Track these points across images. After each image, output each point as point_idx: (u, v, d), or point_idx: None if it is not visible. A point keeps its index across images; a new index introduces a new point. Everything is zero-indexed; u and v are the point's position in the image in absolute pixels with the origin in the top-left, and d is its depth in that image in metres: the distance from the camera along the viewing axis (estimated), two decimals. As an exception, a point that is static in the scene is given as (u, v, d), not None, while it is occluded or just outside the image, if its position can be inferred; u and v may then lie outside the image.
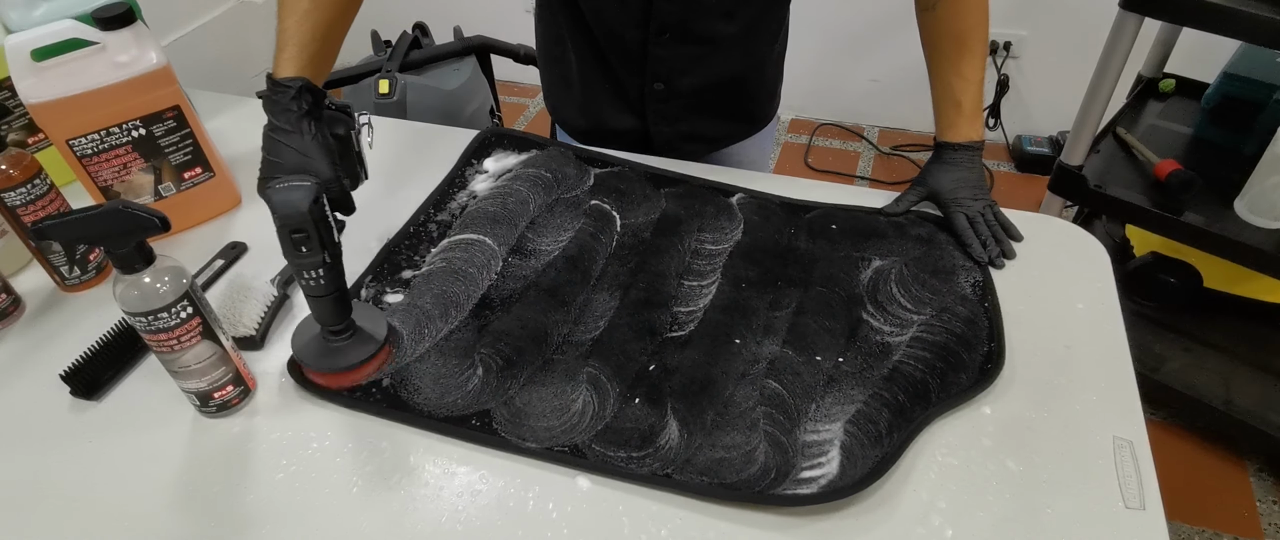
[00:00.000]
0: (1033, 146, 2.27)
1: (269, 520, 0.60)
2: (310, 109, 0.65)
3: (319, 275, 0.62)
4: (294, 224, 0.59)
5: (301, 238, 0.60)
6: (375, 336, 0.69)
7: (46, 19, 0.86)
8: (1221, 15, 1.11)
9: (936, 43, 0.86)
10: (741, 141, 1.06)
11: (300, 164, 0.63)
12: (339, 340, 0.67)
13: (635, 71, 0.93)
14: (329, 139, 0.67)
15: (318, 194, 0.60)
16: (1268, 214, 1.25)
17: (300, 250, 0.60)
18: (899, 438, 0.63)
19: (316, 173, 0.63)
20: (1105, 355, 0.71)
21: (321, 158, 0.64)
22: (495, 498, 0.61)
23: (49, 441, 0.67)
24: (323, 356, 0.67)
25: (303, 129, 0.64)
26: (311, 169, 0.63)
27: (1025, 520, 0.58)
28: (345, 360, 0.67)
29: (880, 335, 0.72)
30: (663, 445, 0.63)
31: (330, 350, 0.67)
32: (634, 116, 0.98)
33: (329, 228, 0.62)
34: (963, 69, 0.85)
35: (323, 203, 0.61)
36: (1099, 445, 0.63)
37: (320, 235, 0.60)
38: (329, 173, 0.64)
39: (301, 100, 0.64)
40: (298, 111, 0.64)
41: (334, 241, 0.63)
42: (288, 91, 0.64)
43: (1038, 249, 0.83)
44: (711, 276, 0.79)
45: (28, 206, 0.75)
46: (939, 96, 0.88)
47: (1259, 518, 1.41)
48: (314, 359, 0.67)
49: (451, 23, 1.78)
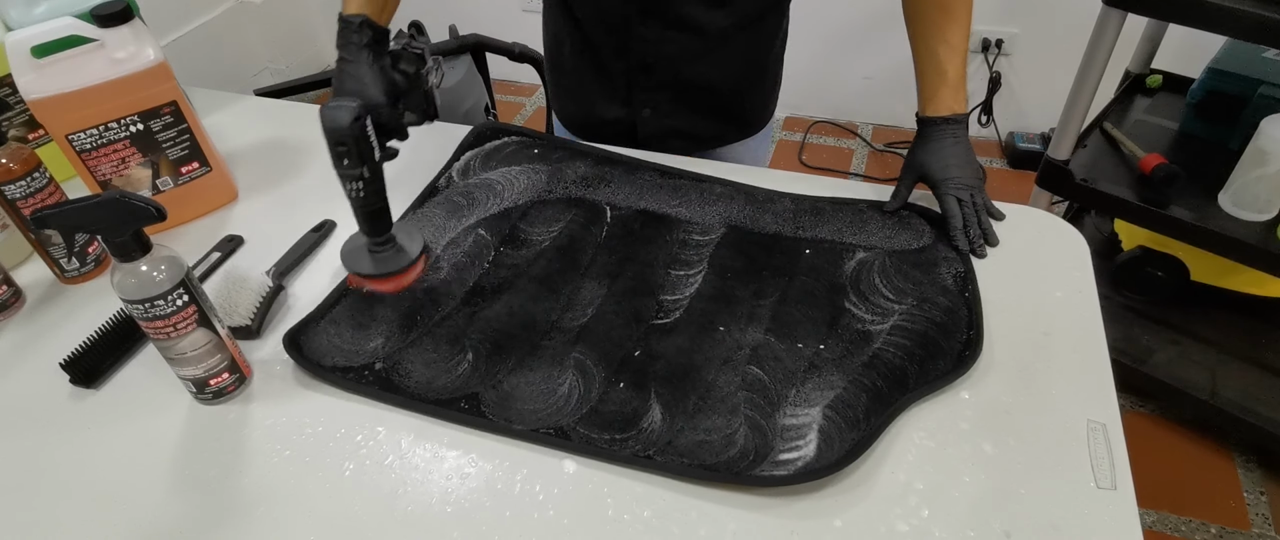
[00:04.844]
0: (1025, 143, 2.28)
1: (264, 503, 0.62)
2: (370, 42, 0.74)
3: (360, 188, 0.68)
4: (335, 138, 0.65)
5: (343, 150, 0.66)
6: (410, 251, 0.75)
7: (46, 16, 0.88)
8: (1203, 10, 1.12)
9: (922, 11, 0.85)
10: (732, 145, 1.05)
11: (355, 88, 0.73)
12: (381, 250, 0.74)
13: (620, 52, 0.93)
14: (389, 71, 0.76)
15: (360, 114, 0.65)
16: (1251, 207, 1.27)
17: (342, 162, 0.66)
18: (876, 421, 0.64)
19: (367, 97, 0.72)
20: (1082, 342, 0.73)
21: (376, 84, 0.73)
22: (484, 480, 0.63)
23: (49, 428, 0.69)
24: (365, 263, 0.74)
25: (361, 59, 0.73)
26: (364, 93, 0.72)
27: (1000, 500, 0.60)
28: (384, 268, 0.74)
29: (861, 323, 0.74)
30: (645, 428, 0.64)
31: (372, 258, 0.74)
32: (620, 104, 0.99)
33: (370, 146, 0.67)
34: (949, 36, 0.84)
35: (364, 122, 0.66)
36: (1073, 428, 0.65)
37: (360, 151, 0.66)
38: (379, 98, 0.73)
39: (362, 33, 0.73)
40: (357, 43, 0.73)
41: (374, 160, 0.68)
42: (350, 25, 0.74)
43: (1018, 239, 0.84)
44: (698, 266, 0.81)
45: (27, 199, 0.77)
46: (923, 66, 0.86)
47: (1246, 508, 1.42)
48: (358, 264, 0.74)
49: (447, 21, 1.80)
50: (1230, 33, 1.19)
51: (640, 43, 0.91)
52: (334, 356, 0.72)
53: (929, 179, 0.86)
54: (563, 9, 0.95)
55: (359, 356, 0.71)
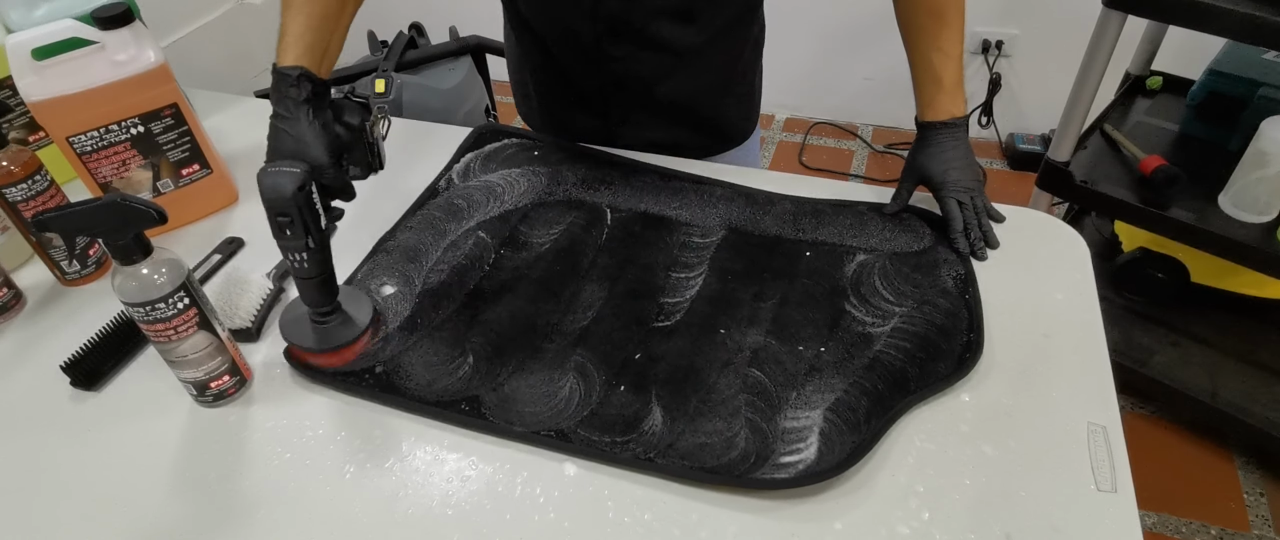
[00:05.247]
0: (1025, 145, 2.28)
1: (264, 505, 0.62)
2: (310, 97, 0.66)
3: (303, 259, 0.64)
4: (278, 208, 0.61)
5: (285, 221, 0.61)
6: (358, 321, 0.71)
7: (47, 19, 0.88)
8: (1203, 12, 1.12)
9: (914, 18, 0.85)
10: (715, 158, 1.03)
11: (295, 150, 0.65)
12: (325, 321, 0.70)
13: (591, 72, 0.92)
14: (332, 126, 0.68)
15: (304, 181, 0.61)
16: (1251, 209, 1.27)
17: (284, 233, 0.62)
18: (877, 424, 0.64)
19: (310, 159, 0.64)
20: (1082, 343, 0.73)
21: (317, 144, 0.65)
22: (484, 483, 0.63)
23: (49, 430, 0.69)
24: (308, 336, 0.70)
25: (299, 116, 0.65)
26: (306, 155, 0.65)
27: (1000, 502, 0.60)
28: (328, 341, 0.69)
29: (862, 326, 0.74)
30: (646, 431, 0.64)
31: (316, 330, 0.70)
32: (594, 117, 0.98)
33: (315, 214, 0.63)
34: (942, 43, 0.84)
35: (309, 189, 0.62)
36: (1073, 430, 0.65)
37: (305, 220, 0.62)
38: (323, 159, 0.65)
39: (300, 88, 0.66)
40: (295, 98, 0.66)
41: (319, 227, 0.64)
42: (287, 78, 0.66)
43: (1019, 241, 0.84)
44: (699, 269, 0.81)
45: (28, 202, 0.77)
46: (919, 74, 0.87)
47: (1246, 510, 1.42)
48: (300, 337, 0.70)
49: (447, 23, 1.80)
50: (1230, 35, 1.19)
51: (611, 62, 0.90)
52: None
53: (929, 182, 0.86)
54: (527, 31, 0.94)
55: (360, 360, 0.71)
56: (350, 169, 0.70)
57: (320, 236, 0.65)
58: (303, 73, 0.66)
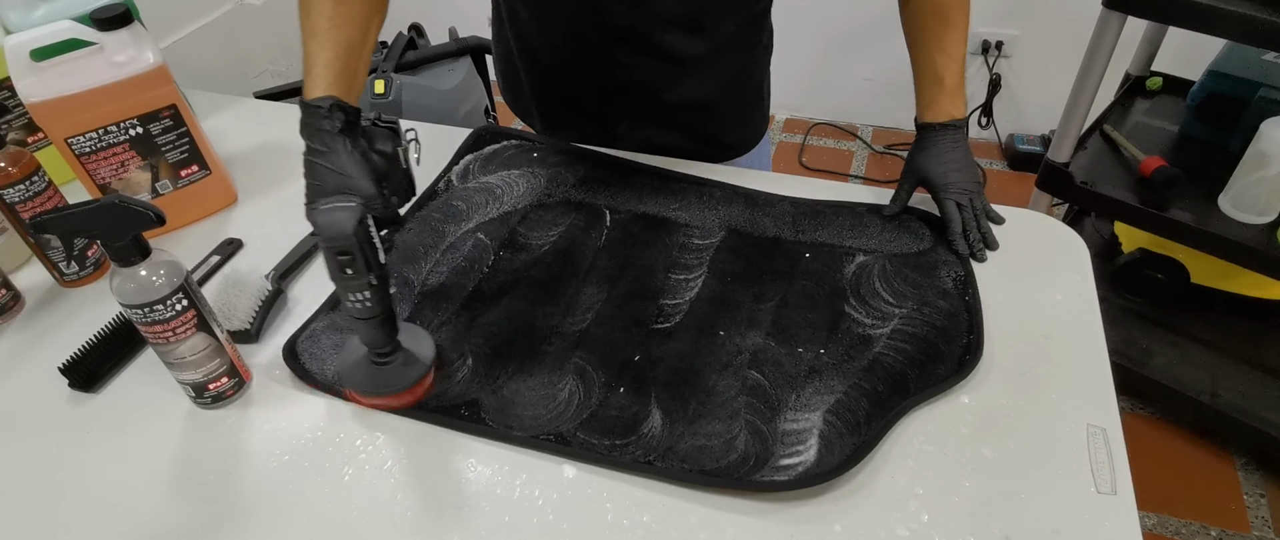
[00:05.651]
0: (1025, 145, 2.28)
1: (262, 507, 0.62)
2: (344, 127, 0.63)
3: (366, 297, 0.60)
4: (340, 246, 0.57)
5: (347, 260, 0.58)
6: (422, 358, 0.67)
7: (46, 20, 0.88)
8: (1203, 13, 1.12)
9: (919, 19, 0.85)
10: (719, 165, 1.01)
11: (341, 184, 0.61)
12: (386, 361, 0.66)
13: (592, 74, 0.92)
14: (370, 155, 0.65)
15: (362, 215, 0.58)
16: (1251, 209, 1.27)
17: (346, 273, 0.58)
18: (876, 426, 0.64)
19: (358, 192, 0.61)
20: (1082, 345, 0.73)
21: (363, 175, 0.62)
22: (483, 485, 0.62)
23: (48, 432, 0.68)
24: (370, 379, 0.66)
25: (338, 148, 0.62)
26: (353, 188, 0.61)
27: (1000, 504, 0.60)
28: (394, 383, 0.65)
29: (861, 327, 0.74)
30: (645, 433, 0.64)
31: (377, 372, 0.66)
32: (590, 118, 0.98)
33: (375, 249, 0.60)
34: (946, 44, 0.84)
35: (367, 223, 0.59)
36: (1073, 432, 0.65)
37: (366, 256, 0.58)
38: (371, 190, 0.62)
39: (333, 119, 0.63)
40: (330, 130, 0.63)
41: (380, 262, 0.60)
42: (318, 111, 0.63)
43: (1019, 242, 0.84)
44: (698, 270, 0.81)
45: (27, 203, 0.76)
46: (921, 74, 0.87)
47: (1246, 511, 1.42)
48: (361, 382, 0.66)
49: (447, 24, 1.80)
50: (1230, 35, 1.19)
51: (614, 67, 0.90)
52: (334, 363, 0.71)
53: (929, 184, 0.86)
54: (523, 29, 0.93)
55: None
56: (392, 199, 0.67)
57: (382, 271, 0.61)
58: (335, 103, 0.63)
